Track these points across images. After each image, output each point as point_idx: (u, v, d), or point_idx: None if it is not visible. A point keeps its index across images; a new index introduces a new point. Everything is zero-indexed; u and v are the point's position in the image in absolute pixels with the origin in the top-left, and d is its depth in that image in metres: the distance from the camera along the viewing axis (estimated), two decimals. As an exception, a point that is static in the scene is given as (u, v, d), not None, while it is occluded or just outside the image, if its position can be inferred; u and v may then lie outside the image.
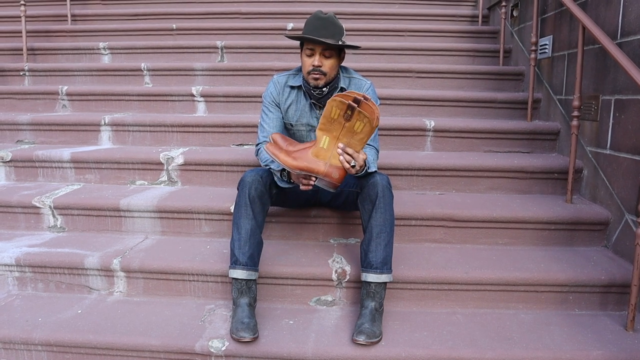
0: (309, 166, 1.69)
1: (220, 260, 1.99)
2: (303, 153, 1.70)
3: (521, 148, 2.75)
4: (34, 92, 3.27)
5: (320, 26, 1.84)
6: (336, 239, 2.22)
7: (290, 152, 1.71)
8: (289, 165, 1.68)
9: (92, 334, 1.72)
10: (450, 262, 2.01)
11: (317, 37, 1.82)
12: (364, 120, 1.61)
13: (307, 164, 1.68)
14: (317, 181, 1.74)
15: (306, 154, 1.70)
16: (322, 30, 1.83)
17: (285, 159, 1.68)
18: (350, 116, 1.61)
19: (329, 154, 1.68)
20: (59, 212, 2.32)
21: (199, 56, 3.69)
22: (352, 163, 1.67)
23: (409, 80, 3.33)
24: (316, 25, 1.85)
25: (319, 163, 1.69)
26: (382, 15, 4.18)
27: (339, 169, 1.69)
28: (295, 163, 1.68)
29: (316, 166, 1.69)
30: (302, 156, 1.70)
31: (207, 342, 1.67)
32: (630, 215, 2.03)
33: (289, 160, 1.68)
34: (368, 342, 1.63)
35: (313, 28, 1.84)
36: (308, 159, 1.69)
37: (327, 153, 1.69)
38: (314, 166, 1.69)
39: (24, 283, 2.06)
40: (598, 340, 1.69)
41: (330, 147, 1.68)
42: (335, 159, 1.68)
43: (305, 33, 1.86)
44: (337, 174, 1.70)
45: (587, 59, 2.39)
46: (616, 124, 2.15)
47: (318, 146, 1.69)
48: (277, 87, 2.04)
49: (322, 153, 1.69)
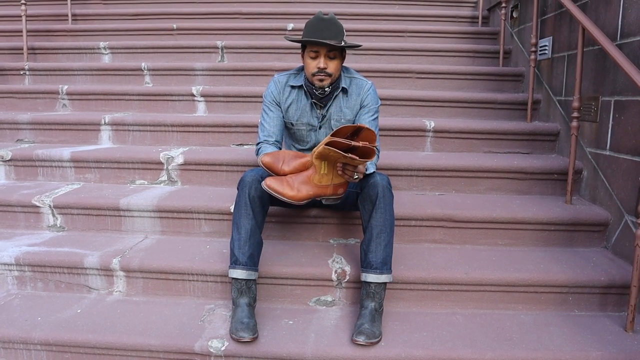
0: (317, 193, 1.74)
1: (220, 260, 1.99)
2: (304, 181, 1.73)
3: (521, 149, 2.75)
4: (34, 92, 3.27)
5: (323, 28, 1.84)
6: (336, 239, 2.22)
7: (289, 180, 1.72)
8: (297, 199, 1.71)
9: (91, 334, 1.72)
10: (450, 262, 2.01)
11: (321, 39, 1.82)
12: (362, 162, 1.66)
13: (314, 192, 1.73)
14: (324, 200, 1.81)
15: (308, 182, 1.73)
16: (324, 31, 1.83)
17: (291, 194, 1.70)
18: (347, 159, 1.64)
19: (330, 175, 1.73)
20: (59, 212, 2.32)
21: (199, 56, 3.69)
22: (355, 176, 1.72)
23: (409, 80, 3.33)
24: (319, 27, 1.85)
25: (324, 187, 1.74)
26: (382, 16, 4.18)
27: (342, 185, 1.78)
28: (302, 195, 1.71)
29: (323, 191, 1.75)
30: (306, 187, 1.72)
31: (206, 342, 1.67)
32: (629, 216, 2.03)
33: (295, 194, 1.71)
34: (368, 343, 1.63)
35: (315, 30, 1.84)
36: (313, 187, 1.73)
37: (329, 175, 1.73)
38: (320, 192, 1.75)
39: (24, 282, 2.06)
40: (597, 341, 1.69)
41: (330, 169, 1.73)
42: (337, 178, 1.74)
43: (307, 35, 1.86)
44: (342, 189, 1.78)
45: (586, 60, 2.39)
46: (616, 125, 2.15)
47: (320, 173, 1.72)
48: (277, 86, 2.04)
49: (325, 178, 1.73)
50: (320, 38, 1.82)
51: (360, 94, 2.02)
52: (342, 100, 2.02)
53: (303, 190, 1.70)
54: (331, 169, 1.71)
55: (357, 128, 1.68)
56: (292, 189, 1.70)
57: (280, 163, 1.78)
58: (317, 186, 1.71)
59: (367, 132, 1.67)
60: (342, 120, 2.02)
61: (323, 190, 1.72)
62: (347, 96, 2.02)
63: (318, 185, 1.71)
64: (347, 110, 2.02)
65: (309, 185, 1.71)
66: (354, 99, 2.02)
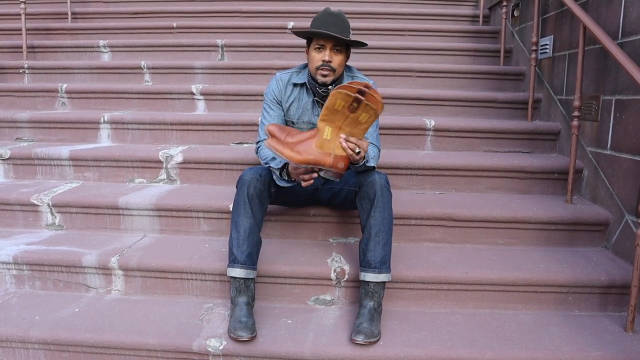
0: (316, 159, 1.65)
1: (219, 259, 1.98)
2: (306, 146, 1.66)
3: (521, 148, 2.75)
4: (33, 90, 3.26)
5: (331, 22, 1.84)
6: (335, 238, 2.21)
7: (291, 145, 1.66)
8: (295, 160, 1.63)
9: (89, 333, 1.71)
10: (450, 261, 2.01)
11: (329, 32, 1.81)
12: (369, 112, 1.58)
13: (313, 157, 1.65)
14: (322, 172, 1.72)
15: (310, 146, 1.66)
16: (333, 26, 1.83)
17: (291, 154, 1.63)
18: (356, 108, 1.58)
19: (332, 144, 1.65)
20: (58, 210, 2.31)
21: (199, 54, 3.68)
22: (356, 150, 1.65)
23: (410, 79, 3.32)
24: (327, 21, 1.84)
25: (325, 155, 1.65)
26: (383, 14, 4.17)
27: (343, 159, 1.67)
28: (301, 157, 1.63)
29: (323, 158, 1.65)
30: (307, 149, 1.65)
31: (204, 341, 1.67)
32: (630, 216, 2.02)
33: (294, 155, 1.63)
34: (366, 342, 1.63)
35: (323, 23, 1.84)
36: (313, 152, 1.65)
37: (331, 144, 1.65)
38: (320, 159, 1.65)
39: (22, 281, 2.06)
40: (597, 341, 1.68)
41: (333, 137, 1.65)
42: (339, 149, 1.65)
43: (315, 28, 1.85)
44: (342, 163, 1.68)
45: (587, 59, 2.38)
46: (617, 124, 2.14)
47: (321, 137, 1.65)
48: (279, 84, 2.03)
49: (326, 144, 1.65)
50: (328, 31, 1.81)
51: None
52: (344, 98, 2.01)
53: (303, 154, 1.63)
54: (334, 136, 1.64)
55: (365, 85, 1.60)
56: (292, 151, 1.64)
57: (285, 134, 1.74)
58: (318, 152, 1.64)
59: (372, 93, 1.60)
60: None
61: (323, 158, 1.65)
62: None
63: (319, 152, 1.64)
64: (348, 108, 2.01)
65: (310, 149, 1.64)
66: None
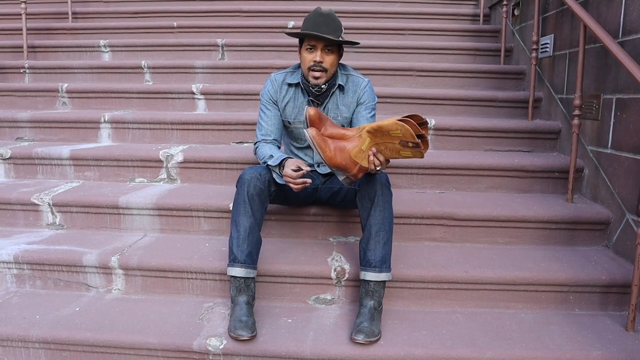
0: (346, 165, 1.69)
1: (219, 258, 1.98)
2: (341, 149, 1.69)
3: (522, 147, 2.74)
4: (34, 90, 3.27)
5: (321, 22, 1.84)
6: (335, 237, 2.21)
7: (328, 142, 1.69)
8: (331, 162, 1.67)
9: (89, 332, 1.72)
10: (450, 261, 2.01)
11: (319, 33, 1.81)
12: (414, 153, 1.60)
13: (345, 163, 1.69)
14: (341, 177, 1.75)
15: (345, 151, 1.69)
16: (323, 26, 1.83)
17: (330, 154, 1.67)
18: (406, 145, 1.58)
19: (365, 155, 1.67)
20: (58, 210, 2.31)
21: (199, 54, 3.68)
22: (378, 167, 1.67)
23: (410, 78, 3.32)
24: (317, 21, 1.84)
25: (354, 163, 1.69)
26: (383, 13, 4.17)
27: (364, 170, 1.70)
28: (336, 160, 1.68)
29: (351, 166, 1.69)
30: (342, 153, 1.69)
31: (205, 341, 1.67)
32: (631, 215, 2.01)
33: (332, 157, 1.67)
34: (367, 341, 1.63)
35: (314, 24, 1.84)
36: (346, 157, 1.69)
37: (364, 155, 1.67)
38: (349, 166, 1.69)
39: (22, 280, 2.06)
40: (598, 340, 1.68)
41: (367, 149, 1.67)
42: (365, 161, 1.68)
43: (305, 29, 1.85)
44: (361, 173, 1.72)
45: (588, 58, 2.38)
46: (617, 123, 2.14)
47: (360, 147, 1.67)
48: (274, 85, 2.03)
49: (360, 155, 1.68)
50: (318, 32, 1.81)
51: (357, 91, 2.01)
52: (339, 98, 2.01)
53: (338, 157, 1.68)
54: (368, 149, 1.67)
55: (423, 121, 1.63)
56: (330, 151, 1.68)
57: (323, 124, 1.75)
58: (350, 159, 1.68)
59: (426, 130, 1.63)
60: (339, 118, 2.01)
61: (351, 166, 1.68)
62: (343, 93, 2.01)
63: (351, 159, 1.68)
64: (344, 107, 2.01)
65: (345, 155, 1.68)
66: (350, 96, 2.01)
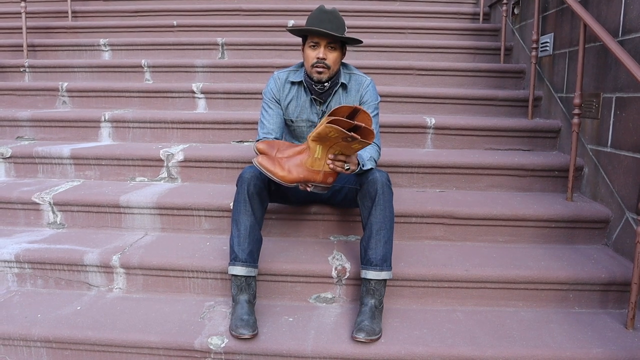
0: (307, 177, 1.73)
1: (220, 257, 1.99)
2: (297, 164, 1.72)
3: (522, 146, 2.75)
4: (34, 89, 3.27)
5: (325, 19, 1.84)
6: (336, 236, 2.22)
7: (282, 161, 1.72)
8: (287, 180, 1.70)
9: (91, 331, 1.72)
10: (451, 259, 2.01)
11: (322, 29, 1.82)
12: (362, 144, 1.63)
13: (304, 175, 1.72)
14: (312, 187, 1.79)
15: (300, 164, 1.72)
16: (327, 23, 1.83)
17: (282, 174, 1.70)
18: (350, 141, 1.61)
19: (322, 161, 1.71)
20: (59, 209, 2.32)
21: (199, 53, 3.68)
22: (345, 167, 1.72)
23: (410, 77, 3.32)
24: (321, 18, 1.85)
25: (315, 172, 1.72)
26: (383, 12, 4.17)
27: (332, 174, 1.76)
28: (292, 177, 1.71)
29: (313, 176, 1.73)
30: (297, 168, 1.72)
31: (206, 339, 1.67)
32: (630, 213, 2.02)
33: (285, 174, 1.70)
34: (368, 340, 1.63)
35: (318, 21, 1.84)
36: (304, 170, 1.72)
37: (322, 161, 1.71)
38: (310, 176, 1.73)
39: (24, 279, 2.06)
40: (598, 338, 1.68)
41: (323, 155, 1.71)
42: (326, 166, 1.72)
43: (309, 26, 1.85)
44: (331, 178, 1.76)
45: (588, 57, 2.38)
46: (617, 122, 2.14)
47: (313, 156, 1.70)
48: (277, 83, 2.03)
49: (317, 163, 1.71)
50: (321, 29, 1.81)
51: (360, 90, 2.01)
52: (342, 96, 2.01)
53: (294, 172, 1.69)
54: (324, 154, 1.69)
55: (354, 109, 1.67)
56: (282, 170, 1.70)
57: (275, 150, 1.79)
58: (309, 170, 1.70)
59: (363, 114, 1.66)
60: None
61: (314, 175, 1.71)
62: (346, 92, 2.02)
63: (309, 170, 1.70)
64: (347, 106, 2.02)
65: (301, 168, 1.70)
66: (353, 94, 2.01)
